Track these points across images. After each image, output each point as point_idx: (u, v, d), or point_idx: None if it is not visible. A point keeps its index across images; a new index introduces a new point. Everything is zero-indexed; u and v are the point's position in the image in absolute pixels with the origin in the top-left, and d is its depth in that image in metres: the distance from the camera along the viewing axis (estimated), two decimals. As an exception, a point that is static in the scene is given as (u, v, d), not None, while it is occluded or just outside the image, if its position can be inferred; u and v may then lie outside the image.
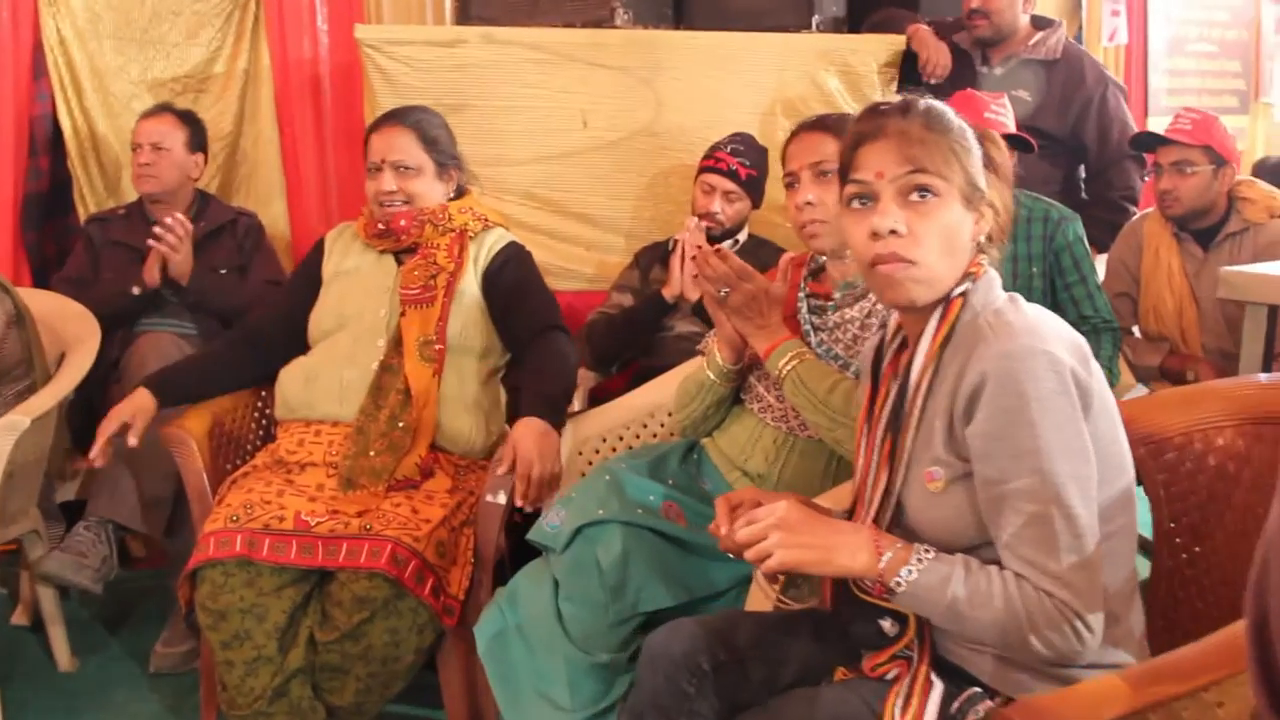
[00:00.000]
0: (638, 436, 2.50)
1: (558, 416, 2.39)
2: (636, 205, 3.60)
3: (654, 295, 3.15)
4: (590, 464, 2.44)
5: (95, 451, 2.43)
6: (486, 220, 2.71)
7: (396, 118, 2.67)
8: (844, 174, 1.55)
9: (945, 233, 1.48)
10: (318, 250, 2.76)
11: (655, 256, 3.34)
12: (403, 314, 2.55)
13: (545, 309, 2.64)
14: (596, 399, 3.11)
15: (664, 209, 3.60)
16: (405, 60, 3.44)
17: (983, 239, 1.53)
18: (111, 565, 2.81)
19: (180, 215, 3.13)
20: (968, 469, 1.43)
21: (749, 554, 1.44)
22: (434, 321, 2.53)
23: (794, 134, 2.19)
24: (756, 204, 3.29)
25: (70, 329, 2.93)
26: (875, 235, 1.48)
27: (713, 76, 3.53)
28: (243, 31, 3.73)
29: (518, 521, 2.50)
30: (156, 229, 3.08)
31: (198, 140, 3.40)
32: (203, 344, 3.14)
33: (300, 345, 2.66)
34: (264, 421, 2.75)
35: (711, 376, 2.21)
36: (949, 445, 1.45)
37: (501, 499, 2.32)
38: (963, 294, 1.49)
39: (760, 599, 1.89)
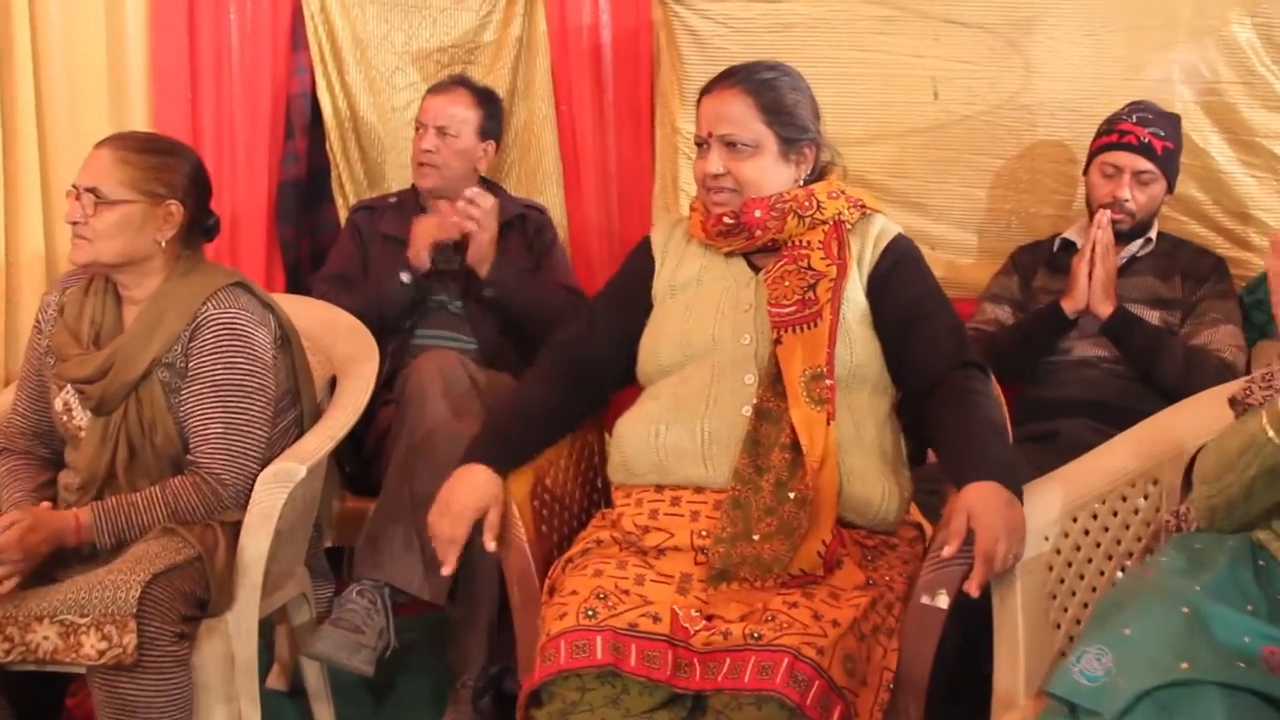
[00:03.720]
0: (1114, 514, 1.78)
1: (1017, 483, 1.73)
2: (995, 195, 3.05)
3: (1050, 308, 2.59)
4: (1058, 553, 1.74)
5: (449, 563, 1.87)
6: (864, 206, 2.04)
7: (734, 77, 2.01)
8: None
9: None
10: (644, 256, 2.12)
11: (1039, 259, 2.75)
12: (777, 340, 1.90)
13: (956, 334, 1.96)
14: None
15: (1027, 199, 3.04)
16: (720, 19, 3.00)
17: None
18: (388, 639, 2.29)
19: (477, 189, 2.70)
20: None
21: None
22: (822, 348, 1.87)
23: None
24: (1171, 187, 2.68)
25: (342, 347, 2.40)
26: None
27: (1096, 35, 2.93)
28: (518, -7, 3.25)
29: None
30: (460, 203, 2.65)
31: (492, 125, 2.91)
32: (488, 365, 2.62)
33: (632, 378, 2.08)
34: (592, 475, 2.16)
35: (1271, 434, 1.48)
36: None
37: (943, 602, 1.67)
38: None
39: None
